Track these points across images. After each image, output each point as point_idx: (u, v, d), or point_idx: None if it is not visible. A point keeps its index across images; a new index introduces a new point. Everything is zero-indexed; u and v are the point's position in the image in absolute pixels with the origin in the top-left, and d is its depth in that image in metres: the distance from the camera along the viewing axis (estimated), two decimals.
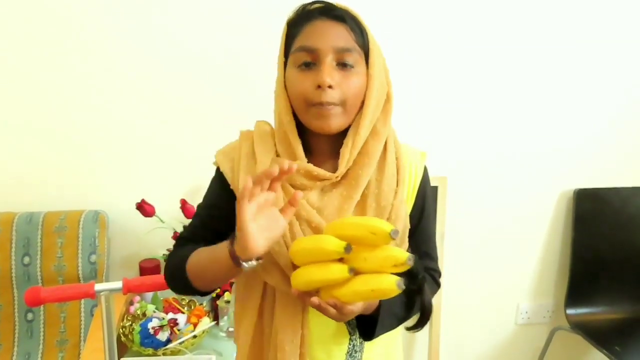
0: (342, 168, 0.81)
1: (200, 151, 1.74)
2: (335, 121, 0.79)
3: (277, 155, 0.85)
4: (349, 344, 0.86)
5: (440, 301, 1.90)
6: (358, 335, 0.86)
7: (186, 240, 0.91)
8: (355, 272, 0.70)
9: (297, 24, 0.82)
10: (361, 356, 0.87)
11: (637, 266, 1.96)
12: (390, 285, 0.68)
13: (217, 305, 1.59)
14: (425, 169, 0.90)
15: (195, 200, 1.66)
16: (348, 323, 0.85)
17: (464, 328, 2.03)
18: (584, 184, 1.93)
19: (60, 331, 1.62)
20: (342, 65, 0.78)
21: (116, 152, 1.69)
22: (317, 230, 0.80)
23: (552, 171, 1.93)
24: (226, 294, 1.57)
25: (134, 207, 1.60)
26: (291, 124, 0.83)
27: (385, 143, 0.84)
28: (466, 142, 1.86)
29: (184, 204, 1.62)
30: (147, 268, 1.64)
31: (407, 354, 2.02)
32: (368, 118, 0.81)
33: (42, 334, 1.62)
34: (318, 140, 0.84)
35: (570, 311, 1.95)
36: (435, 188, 1.81)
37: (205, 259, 0.82)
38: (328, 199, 0.82)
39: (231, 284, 1.58)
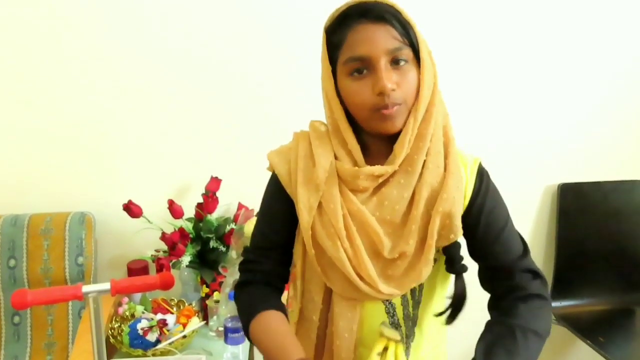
0: (401, 157, 0.79)
1: (187, 151, 1.74)
2: (400, 120, 0.78)
3: (335, 159, 0.83)
4: None
5: None
6: (405, 341, 0.87)
7: (253, 270, 0.91)
8: None
9: (336, 31, 0.79)
10: None
11: (620, 258, 2.00)
12: None
13: (206, 305, 1.59)
14: (479, 173, 0.87)
15: (182, 200, 1.66)
16: (395, 328, 0.84)
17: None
18: (568, 179, 1.96)
19: (48, 334, 1.61)
20: (396, 62, 0.77)
21: (102, 153, 1.68)
22: (367, 227, 0.80)
23: (536, 166, 1.95)
24: (215, 293, 1.57)
25: (121, 208, 1.59)
26: (348, 129, 0.81)
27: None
28: None
29: (171, 204, 1.61)
30: (135, 269, 1.63)
31: None
32: (423, 105, 0.79)
33: (29, 337, 1.60)
34: (375, 140, 0.83)
35: (555, 304, 1.98)
36: None
37: (267, 348, 0.83)
38: (386, 190, 0.81)
39: (220, 284, 1.58)
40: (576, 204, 1.96)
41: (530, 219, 2.01)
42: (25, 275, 1.58)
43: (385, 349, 0.70)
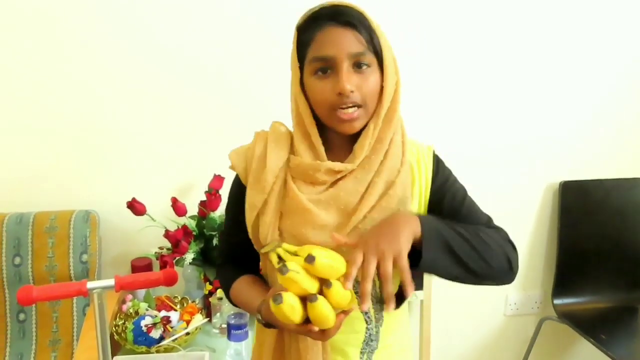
0: (360, 158, 0.84)
1: (190, 149, 1.75)
2: (359, 122, 0.83)
3: (294, 154, 0.88)
4: (366, 332, 0.89)
5: (430, 294, 1.92)
6: (374, 325, 0.89)
7: (227, 255, 1.01)
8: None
9: (306, 30, 0.84)
10: (377, 345, 0.90)
11: (621, 256, 2.01)
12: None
13: (209, 302, 1.60)
14: (435, 159, 0.92)
15: (186, 198, 1.68)
16: (365, 312, 0.88)
17: (454, 320, 2.06)
18: (569, 177, 1.96)
19: (53, 331, 1.62)
20: (358, 66, 0.81)
21: (106, 151, 1.69)
22: (307, 217, 0.83)
23: (538, 164, 1.96)
24: (218, 291, 1.58)
25: (125, 206, 1.60)
26: (312, 124, 0.86)
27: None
28: (452, 137, 1.88)
29: (174, 202, 1.62)
30: (138, 266, 1.65)
31: None
32: (384, 111, 0.84)
33: (34, 334, 1.62)
34: (336, 138, 0.87)
35: (557, 301, 1.98)
36: None
37: (242, 301, 0.94)
38: (343, 183, 0.85)
39: None
40: (578, 202, 1.96)
41: (532, 216, 2.02)
42: (30, 273, 1.60)
43: (280, 258, 0.78)
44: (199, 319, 1.52)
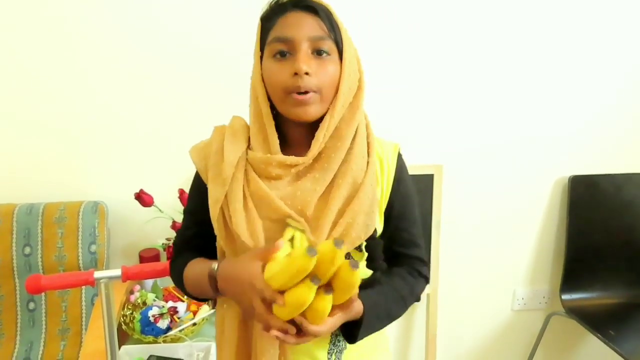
0: (314, 150, 0.82)
1: (197, 141, 1.76)
2: (313, 108, 0.81)
3: (249, 148, 0.86)
4: (331, 340, 0.88)
5: (437, 288, 1.92)
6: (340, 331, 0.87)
7: (181, 249, 0.97)
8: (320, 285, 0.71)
9: (270, 18, 0.83)
10: (345, 344, 0.89)
11: (630, 252, 1.98)
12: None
13: None
14: (399, 158, 0.90)
15: None
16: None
17: (460, 315, 2.06)
18: (579, 171, 1.95)
19: (62, 320, 1.64)
20: (318, 53, 0.80)
21: (114, 143, 1.70)
22: (268, 204, 0.81)
23: (547, 158, 1.94)
24: None
25: (133, 197, 1.62)
26: (268, 115, 0.84)
27: (357, 127, 0.86)
28: (462, 130, 1.87)
29: (181, 194, 1.63)
30: (146, 257, 1.66)
31: (404, 342, 2.05)
32: (340, 103, 0.82)
33: (44, 323, 1.64)
34: (294, 131, 0.86)
35: (565, 297, 1.97)
36: (431, 176, 1.82)
37: (193, 279, 0.89)
38: (301, 183, 0.83)
39: None
40: (587, 197, 1.94)
41: (541, 211, 2.00)
42: (40, 263, 1.62)
43: (292, 238, 0.77)
44: (205, 310, 1.53)
